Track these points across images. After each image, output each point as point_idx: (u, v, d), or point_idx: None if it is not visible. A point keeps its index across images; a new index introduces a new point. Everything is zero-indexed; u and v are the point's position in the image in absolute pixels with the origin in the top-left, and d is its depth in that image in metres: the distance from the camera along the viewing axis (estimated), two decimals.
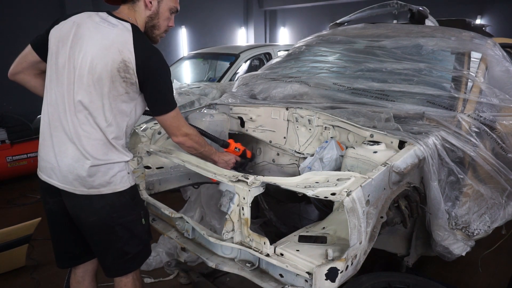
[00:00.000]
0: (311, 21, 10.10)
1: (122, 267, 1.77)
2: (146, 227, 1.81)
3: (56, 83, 1.62)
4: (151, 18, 1.71)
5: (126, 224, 1.70)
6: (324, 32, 3.32)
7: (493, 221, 2.24)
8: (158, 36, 1.78)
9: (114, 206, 1.66)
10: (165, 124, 1.75)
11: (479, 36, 2.58)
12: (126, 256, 1.74)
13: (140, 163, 2.27)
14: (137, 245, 1.76)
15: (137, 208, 1.76)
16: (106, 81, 1.56)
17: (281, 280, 1.56)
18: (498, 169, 2.14)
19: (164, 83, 1.67)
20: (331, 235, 1.67)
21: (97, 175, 1.61)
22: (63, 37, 1.60)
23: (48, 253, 3.08)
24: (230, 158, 2.13)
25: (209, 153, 1.99)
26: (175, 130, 1.77)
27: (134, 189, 1.76)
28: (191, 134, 1.82)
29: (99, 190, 1.63)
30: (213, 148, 2.03)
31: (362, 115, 2.10)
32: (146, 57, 1.59)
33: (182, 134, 1.78)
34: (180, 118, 1.77)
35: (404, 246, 2.22)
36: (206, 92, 4.16)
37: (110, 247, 1.72)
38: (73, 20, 1.63)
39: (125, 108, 1.64)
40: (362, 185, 1.50)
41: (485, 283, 2.73)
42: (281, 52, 5.29)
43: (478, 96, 2.24)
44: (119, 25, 1.61)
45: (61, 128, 1.61)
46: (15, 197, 4.40)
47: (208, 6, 9.37)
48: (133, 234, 1.73)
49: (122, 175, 1.67)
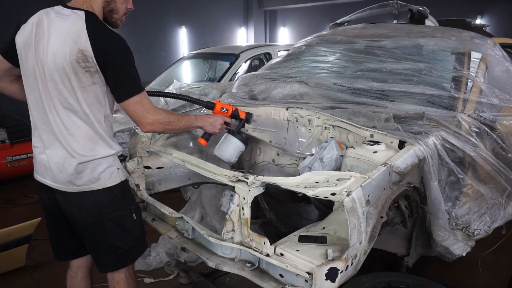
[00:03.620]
0: (311, 21, 10.10)
1: (115, 262, 1.79)
2: (138, 223, 1.82)
3: (32, 87, 1.63)
4: (108, 3, 1.67)
5: (116, 220, 1.72)
6: (324, 32, 3.32)
7: (494, 221, 2.24)
8: (118, 20, 1.74)
9: (103, 202, 1.68)
10: (129, 110, 1.64)
11: (479, 36, 2.58)
12: (118, 251, 1.76)
13: (140, 163, 2.28)
14: (129, 240, 1.78)
15: (128, 204, 1.77)
16: (71, 75, 1.55)
17: (281, 280, 1.57)
18: (498, 169, 2.14)
19: (124, 66, 1.60)
20: (331, 235, 1.66)
21: (85, 172, 1.64)
22: (26, 40, 1.60)
23: (48, 253, 3.07)
24: (215, 120, 2.02)
25: (189, 123, 1.90)
26: (140, 118, 1.65)
27: (124, 184, 1.77)
28: (158, 119, 1.69)
29: (88, 187, 1.65)
30: (191, 116, 1.94)
31: (362, 115, 2.10)
32: (103, 42, 1.55)
33: (149, 122, 1.66)
34: (145, 104, 1.65)
35: (404, 246, 2.22)
36: (206, 92, 4.16)
37: (102, 242, 1.75)
38: (32, 21, 1.61)
39: (98, 98, 1.62)
40: (362, 185, 1.50)
41: (485, 283, 2.73)
42: (281, 52, 5.28)
43: (478, 96, 2.24)
44: (72, 15, 1.58)
45: (47, 130, 1.64)
46: (15, 197, 4.40)
47: (208, 6, 9.37)
48: (124, 230, 1.75)
49: (111, 171, 1.69)
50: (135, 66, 1.64)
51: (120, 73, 1.60)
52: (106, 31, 1.60)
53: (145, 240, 1.89)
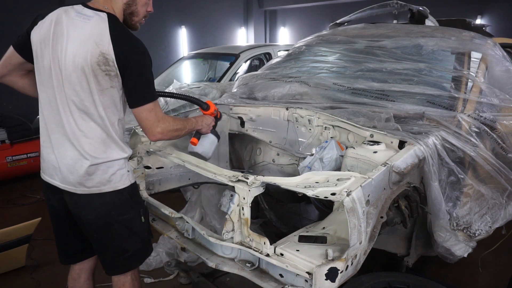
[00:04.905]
0: (311, 21, 10.10)
1: (122, 265, 1.78)
2: (146, 225, 1.81)
3: (46, 85, 1.61)
4: (129, 5, 1.66)
5: (125, 222, 1.71)
6: (324, 32, 3.32)
7: (494, 221, 2.24)
8: (138, 23, 1.73)
9: (113, 204, 1.67)
10: (141, 117, 1.62)
11: (479, 36, 2.58)
12: (126, 253, 1.75)
13: (140, 163, 2.27)
14: (136, 243, 1.76)
15: (136, 206, 1.76)
16: (90, 77, 1.53)
17: (281, 280, 1.56)
18: (498, 169, 2.14)
19: (143, 73, 1.59)
20: (331, 235, 1.66)
21: (97, 174, 1.62)
22: (43, 37, 1.57)
23: (48, 253, 3.10)
24: (211, 122, 2.09)
25: (192, 127, 1.94)
26: (151, 126, 1.63)
27: (134, 187, 1.76)
28: (167, 128, 1.68)
29: (99, 189, 1.63)
30: (192, 119, 1.96)
31: (362, 115, 2.10)
32: (125, 46, 1.54)
33: (159, 131, 1.65)
34: (157, 112, 1.63)
35: (404, 246, 2.22)
36: (206, 92, 4.17)
37: (110, 244, 1.73)
38: (50, 18, 1.58)
39: (114, 102, 1.61)
40: (362, 185, 1.50)
41: (485, 283, 2.73)
42: (281, 52, 5.28)
43: (478, 96, 2.24)
44: (94, 16, 1.56)
45: (58, 130, 1.61)
46: (15, 197, 4.40)
47: (208, 6, 9.37)
48: (132, 232, 1.74)
49: (122, 173, 1.67)
50: (152, 72, 1.62)
51: (138, 79, 1.59)
52: (128, 35, 1.58)
53: (151, 243, 1.88)
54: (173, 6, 8.63)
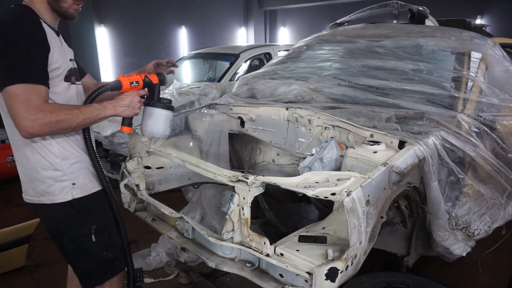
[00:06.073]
0: (311, 21, 10.11)
1: (81, 280, 1.72)
2: (101, 244, 1.65)
3: None
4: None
5: (73, 238, 1.62)
6: (324, 32, 3.32)
7: (494, 221, 2.24)
8: (70, 9, 1.54)
9: (57, 217, 1.61)
10: (7, 107, 1.38)
11: (479, 36, 2.58)
12: (78, 270, 1.70)
13: (140, 163, 2.27)
14: (86, 262, 1.66)
15: (86, 223, 1.62)
16: None
17: (281, 280, 1.56)
18: (498, 169, 2.14)
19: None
20: (331, 235, 1.67)
21: (35, 183, 1.57)
22: None
23: (48, 253, 3.09)
24: (131, 100, 1.62)
25: (93, 115, 1.50)
26: (16, 117, 1.35)
27: (82, 202, 1.62)
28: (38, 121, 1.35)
29: (39, 199, 1.58)
30: (95, 105, 1.54)
31: (362, 115, 2.10)
32: None
33: (28, 126, 1.34)
34: (27, 101, 1.33)
35: (404, 246, 2.22)
36: (206, 92, 4.17)
37: (65, 257, 1.71)
38: None
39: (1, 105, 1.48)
40: (362, 185, 1.50)
41: (485, 283, 2.73)
42: (281, 52, 5.29)
43: (478, 96, 2.24)
44: None
45: None
46: (15, 197, 4.39)
47: (208, 6, 9.38)
48: (81, 250, 1.64)
49: (62, 186, 1.57)
50: (22, 50, 1.36)
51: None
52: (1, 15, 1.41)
53: (116, 262, 1.73)
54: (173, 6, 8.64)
